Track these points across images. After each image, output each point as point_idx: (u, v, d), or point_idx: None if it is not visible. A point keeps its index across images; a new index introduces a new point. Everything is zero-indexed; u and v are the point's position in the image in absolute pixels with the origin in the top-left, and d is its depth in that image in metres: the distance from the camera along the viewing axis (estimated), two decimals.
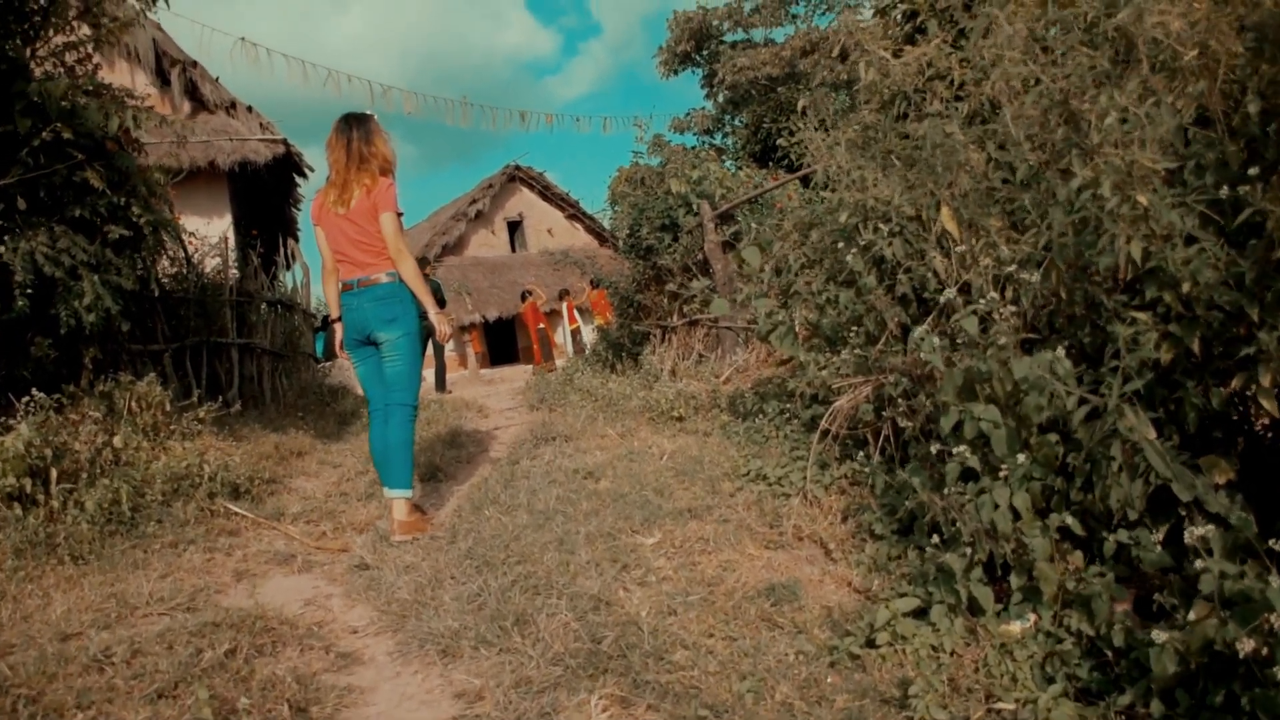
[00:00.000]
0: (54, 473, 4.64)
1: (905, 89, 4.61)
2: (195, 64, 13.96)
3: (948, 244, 4.59)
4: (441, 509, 5.31)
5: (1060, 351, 2.68)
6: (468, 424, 8.92)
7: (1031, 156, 3.20)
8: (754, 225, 9.27)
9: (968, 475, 3.07)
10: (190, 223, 12.17)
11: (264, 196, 15.65)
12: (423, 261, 16.76)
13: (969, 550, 2.90)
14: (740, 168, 11.54)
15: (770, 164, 16.52)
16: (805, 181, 15.60)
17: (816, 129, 5.06)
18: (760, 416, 5.62)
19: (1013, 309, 2.82)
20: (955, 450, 2.99)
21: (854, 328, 4.63)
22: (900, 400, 4.07)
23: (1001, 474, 2.78)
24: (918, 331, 3.24)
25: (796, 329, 5.04)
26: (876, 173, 4.69)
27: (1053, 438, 2.89)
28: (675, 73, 27.07)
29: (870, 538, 3.80)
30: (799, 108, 5.20)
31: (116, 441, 5.24)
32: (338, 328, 4.99)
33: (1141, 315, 2.65)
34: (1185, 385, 2.74)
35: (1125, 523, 2.79)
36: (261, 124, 13.94)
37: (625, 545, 4.06)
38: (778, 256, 5.28)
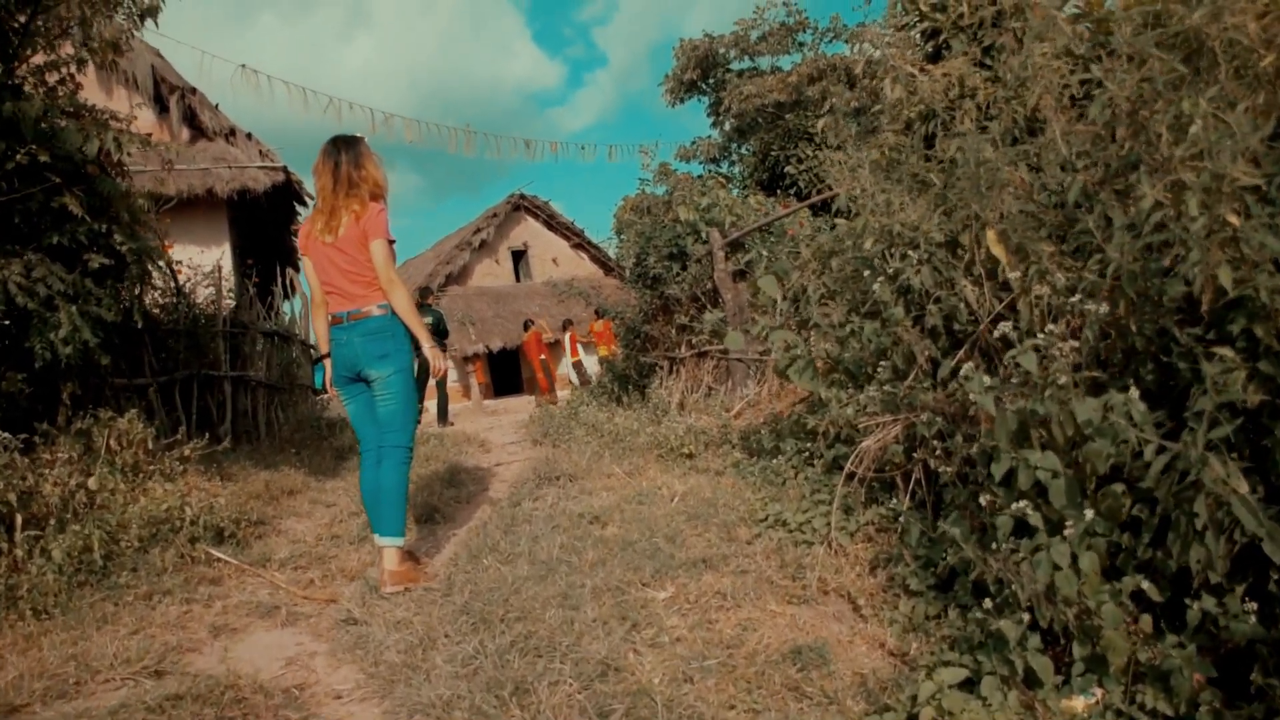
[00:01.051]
0: (19, 519, 4.31)
1: (935, 106, 4.31)
2: (194, 91, 13.75)
3: (978, 272, 4.28)
4: (437, 556, 4.97)
5: (1134, 393, 2.35)
6: (468, 460, 8.58)
7: (1084, 175, 2.88)
8: (764, 254, 8.98)
9: (1020, 529, 2.73)
10: (188, 251, 11.95)
11: (263, 225, 15.40)
12: (425, 291, 16.48)
13: (1025, 615, 2.56)
14: (748, 195, 11.25)
15: (779, 192, 16.25)
16: (816, 209, 15.33)
17: (836, 149, 4.76)
18: (777, 456, 5.29)
19: (1073, 344, 2.49)
20: (1013, 503, 2.65)
21: (880, 362, 4.31)
22: (934, 441, 3.74)
23: (1068, 530, 2.44)
24: (964, 369, 2.92)
25: (816, 363, 4.72)
26: (903, 196, 4.38)
27: (1118, 488, 2.55)
28: (681, 101, 26.87)
29: (904, 593, 3.45)
30: (818, 128, 4.90)
31: (91, 483, 4.92)
32: (327, 364, 4.68)
33: (1225, 351, 2.32)
34: (1275, 430, 2.40)
35: (1206, 586, 2.45)
36: (261, 151, 13.71)
37: (635, 600, 3.72)
38: (795, 286, 4.97)
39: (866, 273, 4.37)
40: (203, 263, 9.56)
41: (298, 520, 6.33)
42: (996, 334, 2.87)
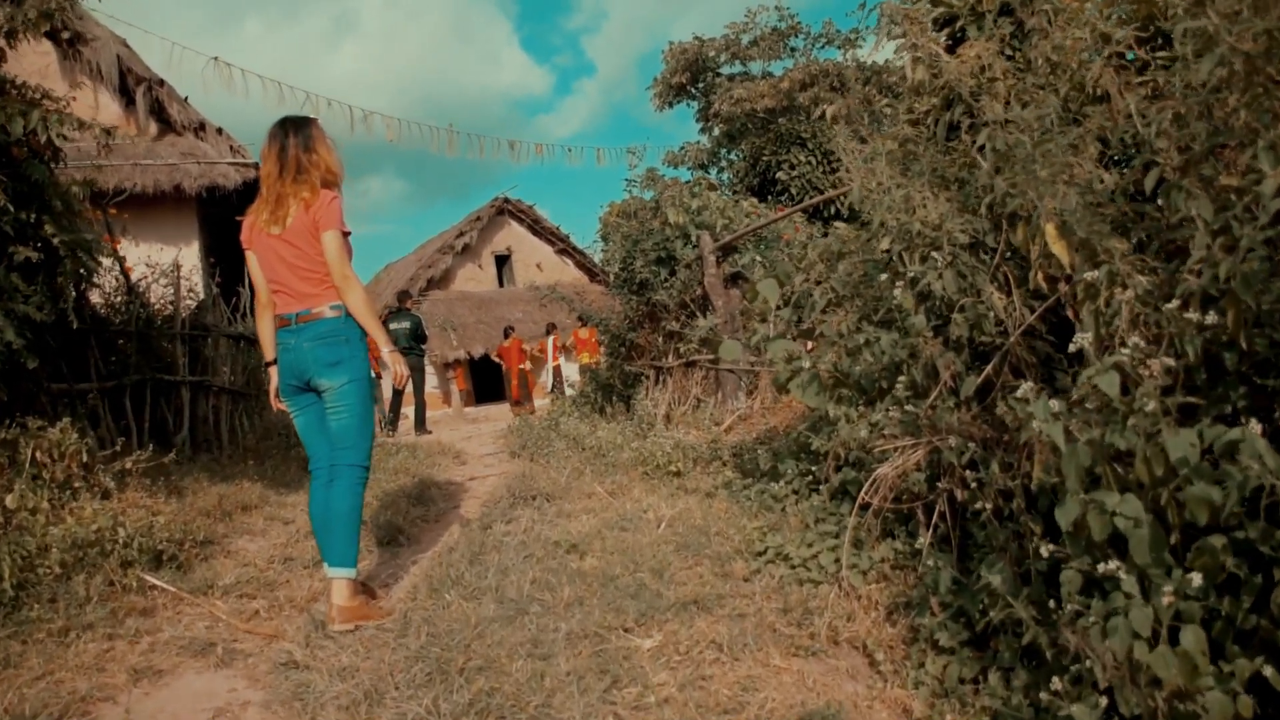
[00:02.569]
0: None
1: (960, 90, 3.83)
2: (162, 83, 13.15)
3: (1005, 277, 3.81)
4: (396, 587, 4.44)
5: (1255, 426, 1.86)
6: (441, 473, 8.05)
7: (1165, 158, 2.41)
8: (758, 259, 8.50)
9: (1088, 586, 2.24)
10: (155, 250, 11.37)
11: (234, 224, 14.80)
12: (403, 295, 15.95)
13: (1103, 700, 2.07)
14: (740, 200, 10.78)
15: (769, 198, 15.79)
16: (811, 215, 14.88)
17: (850, 138, 4.28)
18: (776, 479, 4.79)
19: (1168, 362, 2.01)
20: (1082, 555, 2.15)
21: (896, 377, 3.82)
22: (964, 471, 3.26)
23: (1165, 597, 1.95)
24: (1022, 389, 2.42)
25: (822, 377, 4.23)
26: (924, 192, 3.90)
27: (1217, 542, 2.06)
28: (670, 105, 26.44)
29: (931, 649, 2.95)
30: (828, 115, 4.42)
31: (10, 501, 4.39)
32: (273, 372, 4.16)
33: None
34: None
35: None
36: (232, 147, 13.14)
37: (616, 650, 3.21)
38: (799, 291, 4.48)
39: (883, 276, 3.88)
40: (160, 261, 9.00)
41: (250, 539, 5.80)
42: (1072, 347, 2.37)
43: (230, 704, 3.30)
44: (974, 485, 3.13)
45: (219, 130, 13.42)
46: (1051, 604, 2.35)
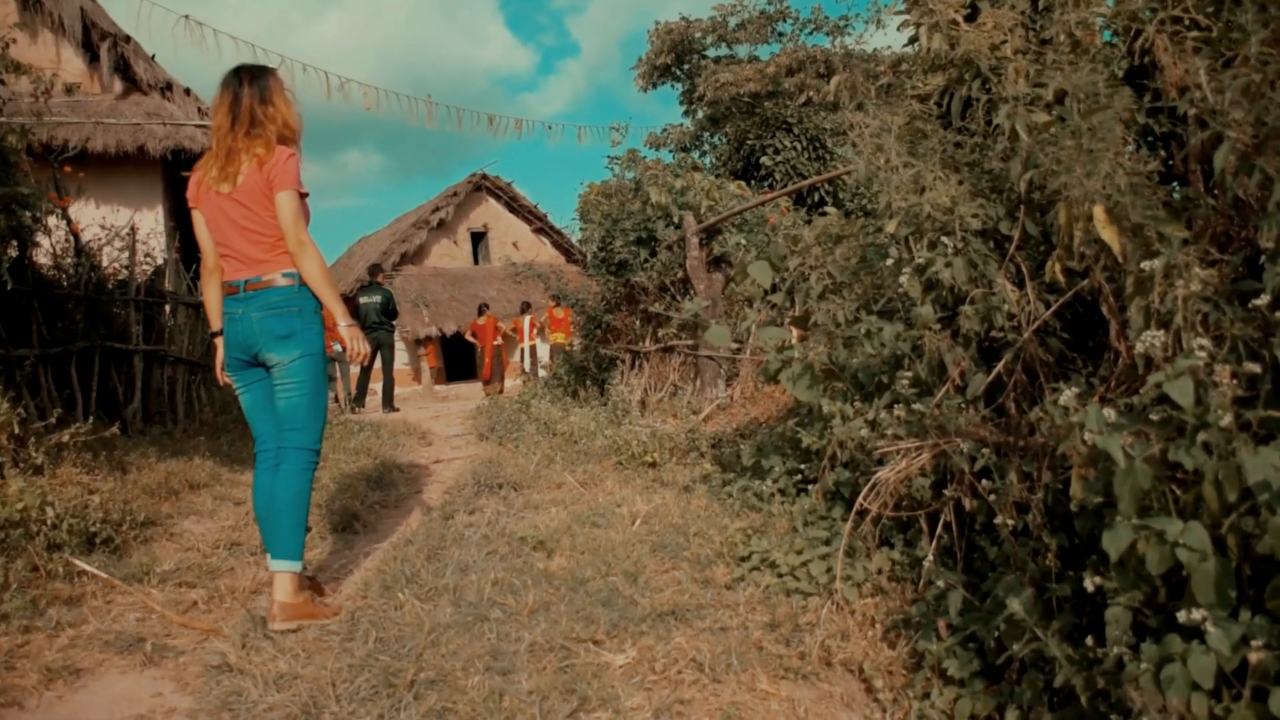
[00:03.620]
0: None
1: (979, 62, 3.51)
2: (129, 39, 12.61)
3: (1016, 268, 3.50)
4: (346, 581, 4.09)
5: None
6: (404, 455, 7.69)
7: (1239, 132, 2.09)
8: (743, 242, 8.17)
9: (1139, 627, 1.93)
10: (115, 213, 10.92)
11: None
12: (374, 269, 15.52)
13: None
14: (724, 182, 10.43)
15: (753, 183, 15.45)
16: (797, 200, 14.57)
17: (855, 109, 3.94)
18: (760, 476, 4.47)
19: (1252, 368, 1.69)
20: (1131, 590, 1.84)
21: (899, 373, 3.51)
22: (975, 479, 2.95)
23: (1253, 649, 1.64)
24: (1063, 396, 2.10)
25: (816, 368, 3.91)
26: (936, 171, 3.58)
27: None
28: (654, 85, 26.04)
29: (938, 678, 2.64)
30: (832, 86, 4.09)
31: None
32: (219, 344, 3.80)
33: None
34: None
35: None
36: (200, 109, 12.61)
37: (585, 666, 2.88)
38: (793, 276, 4.15)
39: (889, 261, 3.56)
40: (136, 226, 8.55)
41: (197, 521, 5.44)
42: (1141, 346, 2.04)
43: (153, 711, 2.97)
44: (988, 496, 2.82)
45: (187, 91, 12.91)
46: (1089, 640, 2.05)
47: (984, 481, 2.83)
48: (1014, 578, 2.54)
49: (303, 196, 3.68)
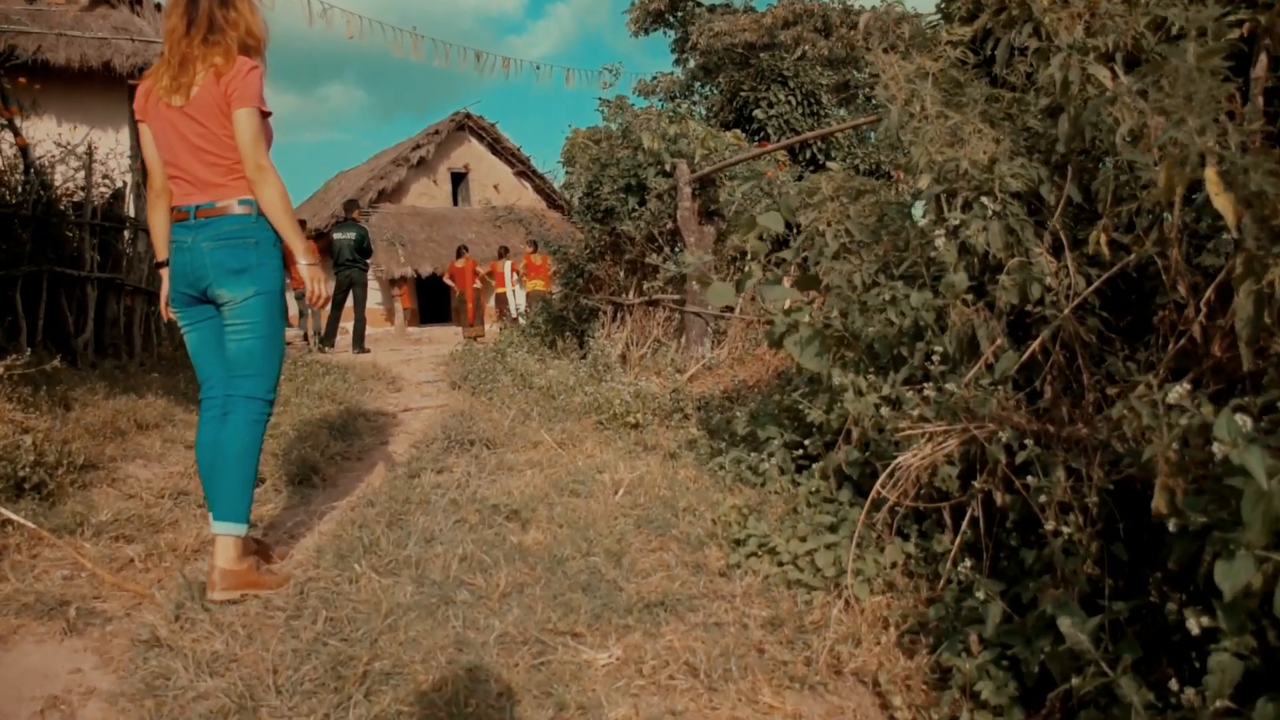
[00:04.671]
0: None
1: (1032, 3, 3.12)
2: None
3: (1055, 232, 3.15)
4: (297, 545, 3.71)
5: None
6: (371, 401, 7.29)
7: None
8: (740, 194, 7.77)
9: (1250, 677, 1.59)
10: (79, 133, 10.36)
11: None
12: (350, 204, 15.00)
13: None
14: (720, 132, 10.01)
15: (744, 135, 15.00)
16: (794, 154, 14.16)
17: (886, 51, 3.54)
18: (755, 448, 4.12)
19: None
20: (1239, 632, 1.50)
21: (925, 345, 3.16)
22: (1007, 469, 2.61)
23: None
24: (1173, 393, 1.75)
25: (827, 336, 3.55)
26: (975, 124, 3.20)
27: None
28: (646, 32, 25.36)
29: (968, 701, 2.30)
30: (861, 23, 3.69)
31: None
32: (164, 275, 3.40)
33: None
34: None
35: None
36: None
37: (563, 664, 2.53)
38: (807, 231, 3.77)
39: (922, 220, 3.19)
40: (99, 147, 8.02)
41: (144, 465, 5.04)
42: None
43: (69, 692, 2.61)
44: (1028, 492, 2.48)
45: (158, 6, 12.27)
46: (1173, 683, 1.71)
47: (1028, 477, 2.48)
48: (1062, 594, 2.20)
49: (265, 115, 3.26)
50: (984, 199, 3.05)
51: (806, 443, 3.65)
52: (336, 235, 13.81)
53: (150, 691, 2.51)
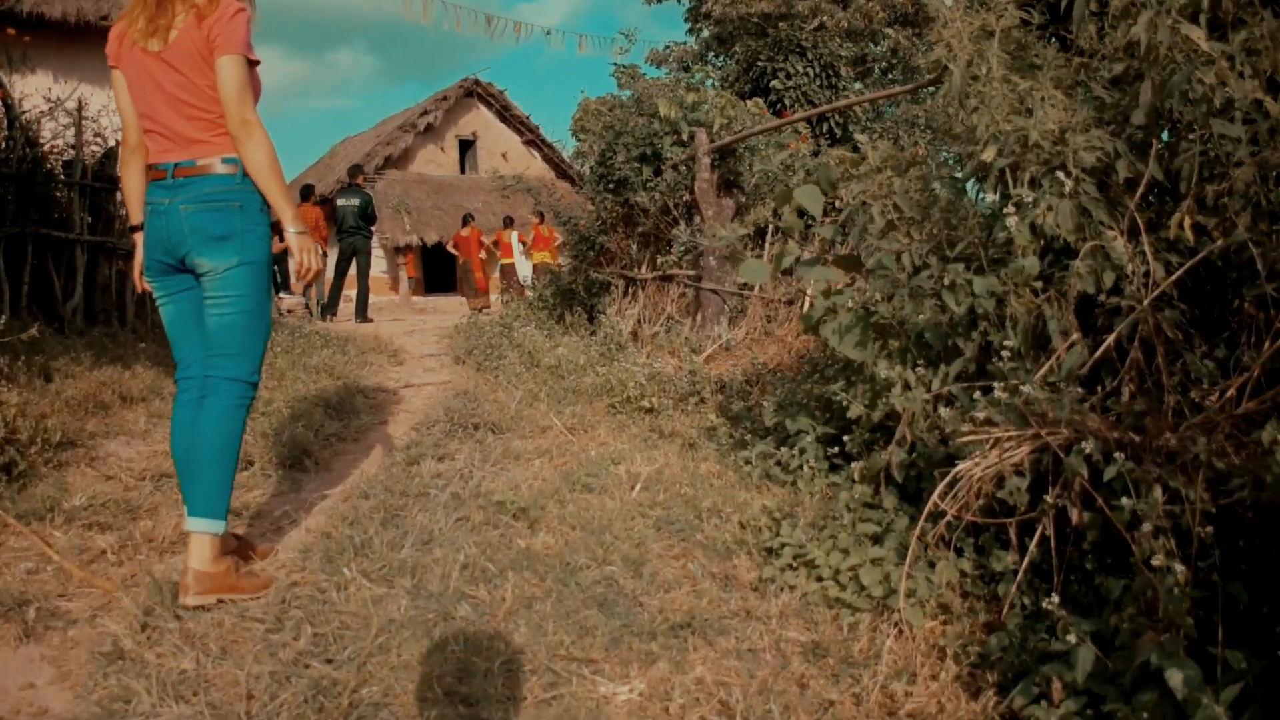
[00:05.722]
0: None
1: None
2: None
3: (1129, 213, 2.81)
4: (285, 536, 3.39)
5: None
6: (371, 376, 6.96)
7: None
8: (758, 166, 7.41)
9: None
10: (79, 90, 10.00)
11: None
12: (355, 170, 14.63)
13: None
14: (742, 100, 9.61)
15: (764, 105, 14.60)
16: (814, 126, 13.76)
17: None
18: (783, 441, 3.79)
19: None
20: None
21: (992, 336, 2.82)
22: (1086, 482, 2.28)
23: None
24: None
25: (871, 322, 3.21)
26: (1048, 89, 2.85)
27: None
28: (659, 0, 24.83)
29: None
30: None
31: None
32: (139, 240, 3.06)
33: None
34: None
35: None
36: None
37: (578, 700, 2.21)
38: (850, 206, 3.42)
39: (987, 198, 2.84)
40: (91, 104, 7.63)
41: (126, 442, 4.72)
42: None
43: (17, 711, 2.30)
44: (1115, 512, 2.15)
45: None
46: None
47: (1125, 500, 2.14)
48: (1167, 640, 1.86)
49: (252, 65, 2.91)
50: (1059, 174, 2.70)
51: (845, 439, 3.31)
52: (340, 201, 13.46)
53: (108, 715, 2.20)
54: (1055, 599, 2.03)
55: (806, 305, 6.11)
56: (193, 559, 2.78)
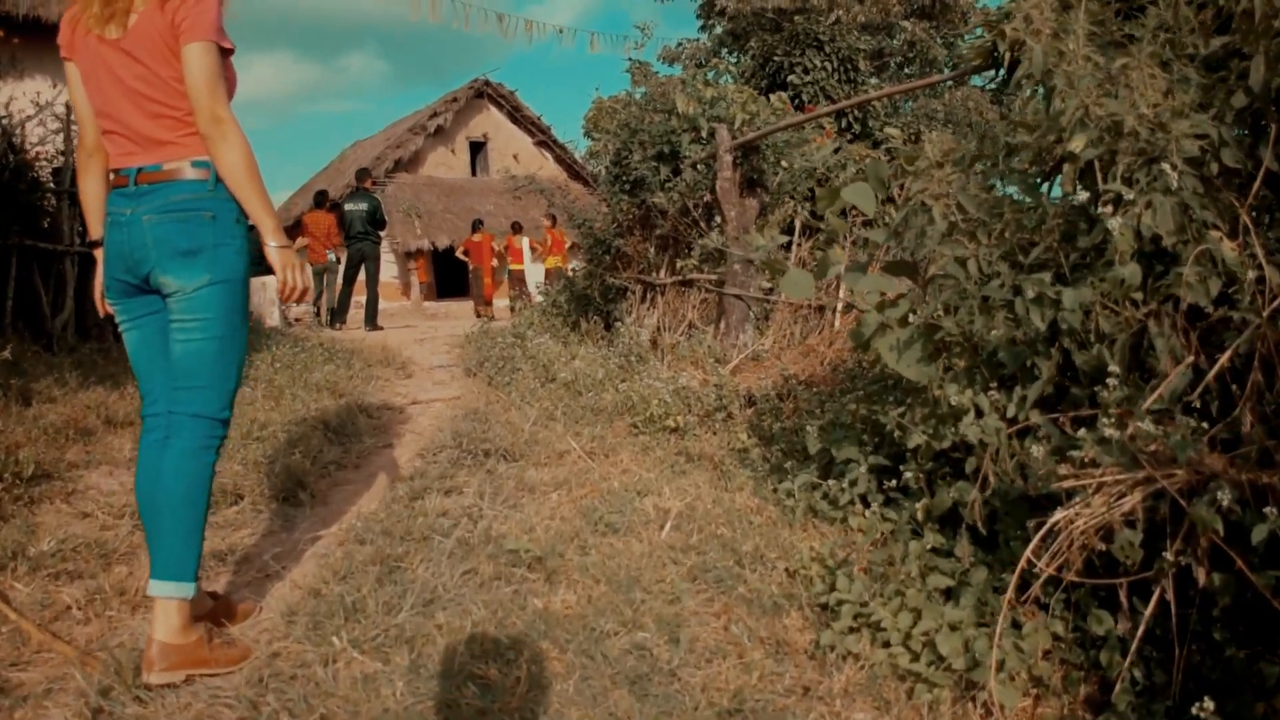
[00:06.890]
0: None
1: None
2: None
3: (1239, 210, 2.42)
4: (272, 588, 3.00)
5: None
6: (377, 392, 6.56)
7: None
8: (784, 164, 7.00)
9: None
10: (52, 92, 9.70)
11: None
12: (362, 173, 14.27)
13: None
14: (765, 96, 9.20)
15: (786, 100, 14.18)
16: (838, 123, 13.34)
17: None
18: (829, 472, 3.38)
19: None
20: None
21: (1053, 353, 2.41)
22: (1215, 535, 1.87)
23: None
24: None
25: (934, 340, 2.80)
26: (1148, 68, 2.43)
27: None
28: None
29: None
30: None
31: None
32: (99, 257, 2.67)
33: None
34: None
35: None
36: None
37: None
38: (906, 207, 3.01)
39: (1080, 195, 2.43)
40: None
41: (109, 473, 4.36)
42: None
43: None
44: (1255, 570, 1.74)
45: None
46: None
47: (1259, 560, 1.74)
48: None
49: (226, 53, 2.52)
50: (1164, 165, 2.29)
51: (905, 472, 2.90)
52: (348, 206, 13.09)
53: None
54: (1210, 705, 1.62)
55: (847, 316, 5.71)
56: (158, 629, 2.39)
